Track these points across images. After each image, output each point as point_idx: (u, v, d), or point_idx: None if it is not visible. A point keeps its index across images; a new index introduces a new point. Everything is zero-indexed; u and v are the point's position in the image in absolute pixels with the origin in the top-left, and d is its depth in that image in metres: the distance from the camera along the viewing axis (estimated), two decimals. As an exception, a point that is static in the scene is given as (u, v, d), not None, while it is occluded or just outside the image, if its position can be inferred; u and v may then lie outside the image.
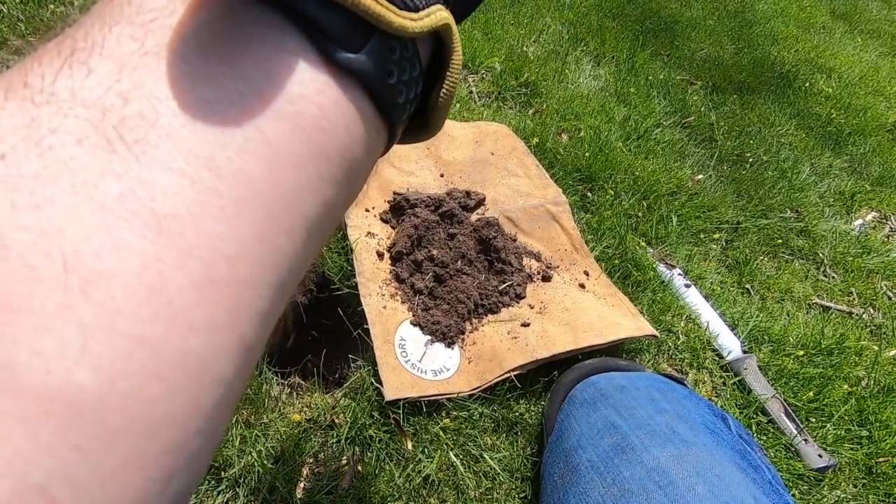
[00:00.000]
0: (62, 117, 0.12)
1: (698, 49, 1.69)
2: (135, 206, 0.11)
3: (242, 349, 0.13)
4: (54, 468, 0.10)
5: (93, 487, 0.10)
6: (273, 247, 0.13)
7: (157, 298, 0.11)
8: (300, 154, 0.13)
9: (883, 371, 0.90)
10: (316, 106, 0.14)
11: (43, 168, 0.11)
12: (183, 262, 0.12)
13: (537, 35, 1.46)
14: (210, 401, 0.12)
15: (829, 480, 0.76)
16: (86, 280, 0.10)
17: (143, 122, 0.12)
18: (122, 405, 0.11)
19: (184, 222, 0.12)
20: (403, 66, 0.16)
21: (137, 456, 0.11)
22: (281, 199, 0.13)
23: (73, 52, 0.12)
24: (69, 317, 0.10)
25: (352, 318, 0.74)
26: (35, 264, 0.10)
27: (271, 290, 0.13)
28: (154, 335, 0.11)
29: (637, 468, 0.48)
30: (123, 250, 0.11)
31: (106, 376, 0.10)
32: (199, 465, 0.13)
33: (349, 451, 0.64)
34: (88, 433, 0.10)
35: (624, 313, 0.82)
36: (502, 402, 0.71)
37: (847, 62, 1.91)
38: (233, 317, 0.12)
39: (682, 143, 1.28)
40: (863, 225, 1.26)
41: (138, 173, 0.11)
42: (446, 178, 0.97)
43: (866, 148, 1.50)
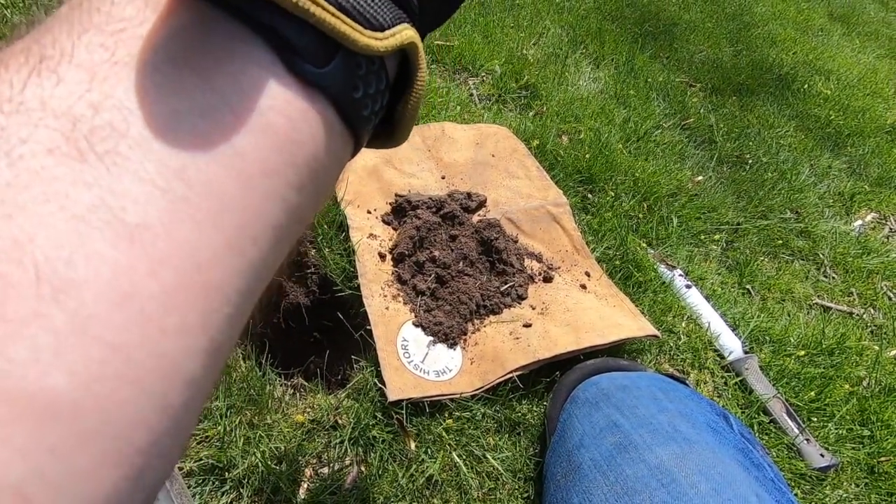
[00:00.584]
0: (32, 127, 0.12)
1: (697, 51, 1.70)
2: (106, 215, 0.11)
3: (212, 351, 0.13)
4: (29, 470, 0.10)
5: (67, 487, 0.11)
6: (242, 254, 0.14)
7: (129, 305, 0.11)
8: (269, 164, 0.14)
9: (884, 371, 0.90)
10: (284, 118, 0.14)
11: (14, 177, 0.11)
12: (154, 270, 0.12)
13: (537, 38, 1.47)
14: (180, 401, 0.13)
15: (831, 480, 0.76)
16: (58, 288, 0.11)
17: (113, 133, 0.12)
18: (96, 408, 0.11)
19: (155, 232, 0.12)
20: (369, 81, 0.16)
21: (110, 456, 0.11)
22: (251, 208, 0.14)
23: (41, 60, 0.12)
24: (42, 323, 0.10)
25: (354, 320, 0.75)
26: (7, 272, 0.10)
27: (240, 295, 0.14)
28: (126, 341, 0.11)
29: (640, 466, 0.48)
30: (95, 259, 0.11)
31: (80, 381, 0.11)
32: (169, 460, 0.13)
33: (352, 452, 0.64)
34: (63, 435, 0.10)
35: (625, 314, 0.82)
36: (505, 403, 0.71)
37: (845, 64, 1.92)
38: (203, 321, 0.13)
39: (681, 145, 1.28)
40: (862, 225, 1.26)
41: (109, 183, 0.12)
42: (447, 180, 0.98)
43: (865, 149, 1.50)
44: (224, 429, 0.61)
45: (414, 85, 0.18)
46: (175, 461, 0.14)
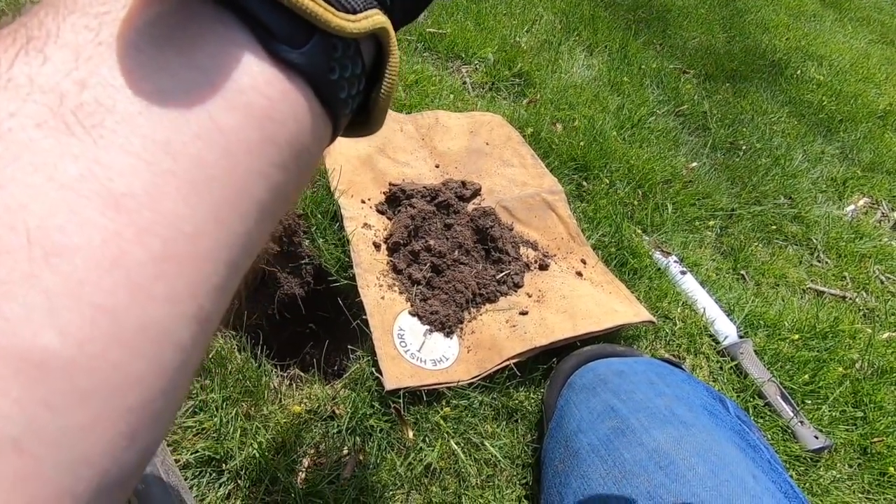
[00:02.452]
0: (20, 102, 0.12)
1: (690, 38, 1.69)
2: (93, 185, 0.12)
3: (200, 319, 0.14)
4: (26, 423, 0.10)
5: (63, 442, 0.11)
6: (228, 227, 0.14)
7: (117, 270, 0.12)
8: (251, 141, 0.14)
9: (876, 353, 0.91)
10: (264, 97, 0.14)
11: (4, 149, 0.11)
12: (141, 238, 0.12)
13: (530, 25, 1.45)
14: (171, 365, 0.13)
15: (825, 461, 0.77)
16: (49, 252, 0.11)
17: (100, 108, 0.12)
18: (89, 367, 0.11)
19: (141, 201, 0.12)
20: (345, 64, 0.17)
21: (105, 414, 0.12)
22: (234, 183, 0.14)
23: (28, 41, 0.13)
24: (34, 284, 0.11)
25: (350, 310, 0.74)
26: (1, 236, 0.11)
27: (227, 267, 0.14)
28: (116, 304, 0.12)
29: (637, 450, 0.48)
30: (85, 225, 0.12)
31: (73, 340, 0.11)
32: (162, 425, 0.14)
33: (350, 442, 0.64)
34: (57, 391, 0.11)
35: (621, 300, 0.82)
36: (502, 390, 0.71)
37: (837, 50, 1.92)
38: (191, 289, 0.13)
39: (675, 132, 1.28)
40: (855, 210, 1.27)
41: (95, 155, 0.12)
42: (442, 169, 0.97)
43: (857, 134, 1.51)
44: (220, 420, 0.60)
45: (387, 71, 0.18)
46: (167, 426, 0.14)
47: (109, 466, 0.12)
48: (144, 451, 0.13)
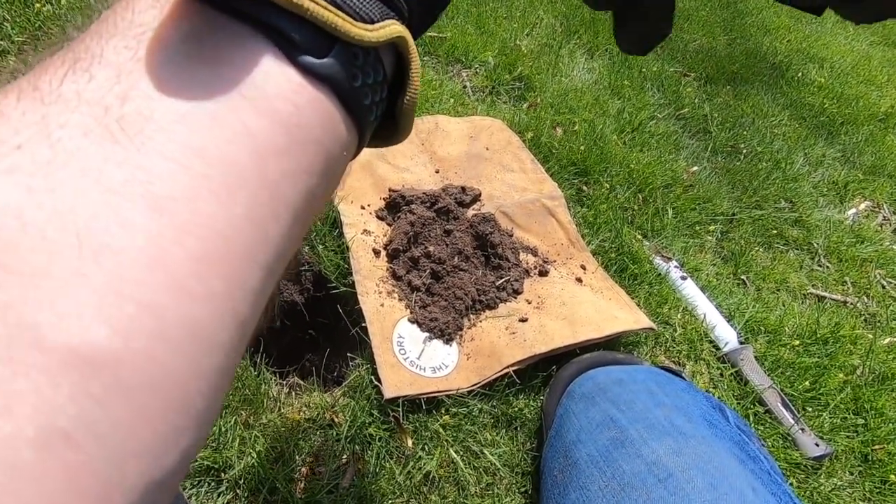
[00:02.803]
0: (69, 114, 0.13)
1: (691, 40, 1.69)
2: (136, 188, 0.13)
3: (237, 322, 0.14)
4: (76, 415, 0.11)
5: (111, 436, 0.11)
6: (262, 229, 0.15)
7: (159, 269, 0.12)
8: (281, 146, 0.15)
9: (878, 359, 0.91)
10: (291, 104, 0.15)
11: (54, 157, 0.12)
12: (180, 238, 0.13)
13: (530, 28, 1.45)
14: (210, 366, 0.14)
15: (825, 469, 0.76)
16: (97, 251, 0.12)
17: (139, 118, 0.13)
18: (134, 363, 0.12)
19: (180, 203, 0.13)
20: (367, 71, 0.17)
21: (149, 410, 0.12)
22: (267, 186, 0.15)
23: (75, 62, 0.14)
24: (84, 283, 0.11)
25: (350, 317, 0.74)
26: (52, 238, 0.12)
27: (261, 269, 0.15)
28: (159, 302, 0.12)
29: (636, 462, 0.48)
30: (128, 226, 0.12)
31: (119, 336, 0.12)
32: (203, 427, 0.14)
33: (349, 450, 0.64)
34: (105, 386, 0.11)
35: (621, 307, 0.82)
36: (501, 398, 0.71)
37: (839, 52, 1.92)
38: (228, 289, 0.14)
39: (676, 136, 1.28)
40: (856, 214, 1.26)
41: (138, 161, 0.13)
42: (441, 174, 0.97)
43: (859, 137, 1.50)
44: (219, 429, 0.60)
45: (409, 78, 0.19)
46: (207, 430, 0.15)
47: (153, 465, 0.12)
48: (186, 452, 0.13)
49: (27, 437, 0.10)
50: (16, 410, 0.10)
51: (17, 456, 0.10)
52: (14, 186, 0.12)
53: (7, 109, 0.13)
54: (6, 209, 0.12)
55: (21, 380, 0.10)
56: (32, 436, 0.10)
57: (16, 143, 0.12)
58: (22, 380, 0.10)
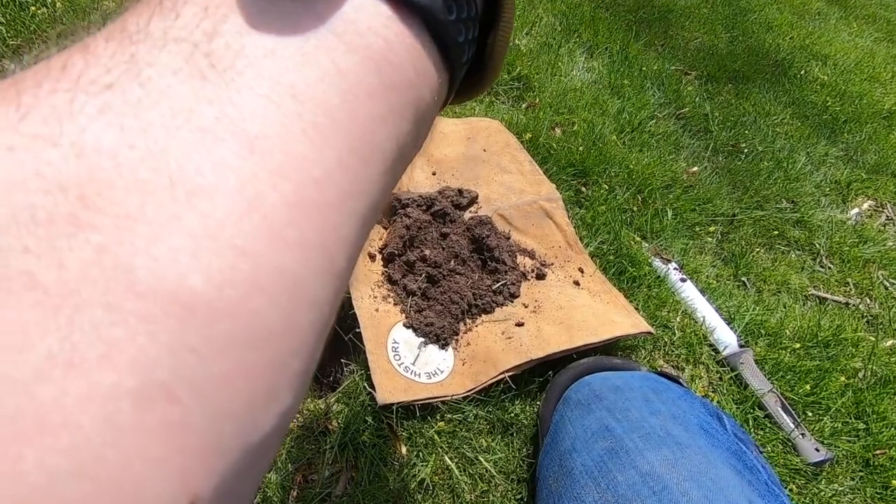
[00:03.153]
0: (157, 51, 0.13)
1: (692, 38, 1.67)
2: (228, 126, 0.12)
3: (332, 274, 0.13)
4: (174, 367, 0.10)
5: (209, 391, 0.11)
6: (353, 174, 0.14)
7: (255, 213, 0.12)
8: (371, 85, 0.14)
9: (880, 362, 0.90)
10: (383, 39, 0.14)
11: (145, 96, 0.12)
12: (274, 181, 0.12)
13: (529, 27, 1.44)
14: (305, 321, 0.13)
15: (826, 474, 0.76)
16: (191, 192, 0.11)
17: (228, 54, 0.13)
18: (230, 312, 0.11)
19: (273, 143, 0.12)
20: (461, 5, 0.16)
21: (244, 366, 0.11)
22: (357, 128, 0.14)
23: (161, 3, 0.14)
24: (179, 226, 0.11)
25: (344, 322, 0.74)
26: (146, 179, 0.11)
27: (354, 218, 0.14)
28: (254, 248, 0.11)
29: (631, 473, 0.47)
30: (222, 167, 0.12)
31: (214, 283, 0.11)
32: (298, 389, 0.13)
33: (343, 458, 0.63)
34: (202, 337, 0.11)
35: (619, 310, 0.81)
36: (497, 404, 0.71)
37: (842, 48, 1.90)
38: (322, 238, 0.13)
39: (676, 135, 1.27)
40: (859, 214, 1.25)
41: (229, 97, 0.12)
42: (438, 177, 0.96)
43: (862, 136, 1.49)
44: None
45: (502, 13, 0.18)
46: (301, 395, 0.14)
47: (250, 426, 0.11)
48: (283, 416, 0.13)
49: (128, 389, 0.10)
50: (116, 360, 0.10)
51: (118, 408, 0.09)
52: (107, 126, 0.11)
53: (97, 49, 0.13)
54: (100, 149, 0.11)
55: (120, 327, 0.10)
56: (133, 388, 0.10)
57: (107, 83, 0.12)
58: (121, 327, 0.10)
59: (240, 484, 0.12)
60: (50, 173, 0.11)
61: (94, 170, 0.11)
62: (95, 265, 0.10)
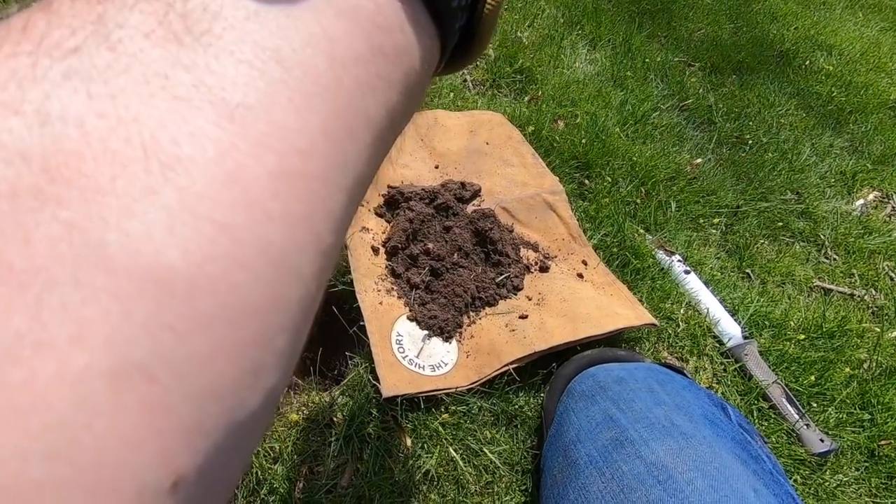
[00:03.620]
0: (128, 11, 0.12)
1: (696, 29, 1.66)
2: (206, 95, 0.11)
3: (318, 248, 0.13)
4: (152, 348, 0.10)
5: (189, 371, 0.10)
6: (339, 145, 0.13)
7: (234, 185, 0.11)
8: (359, 50, 0.13)
9: (885, 353, 0.89)
10: (372, 2, 0.14)
11: (114, 60, 0.11)
12: (257, 152, 0.11)
13: (532, 20, 1.43)
14: (290, 296, 0.12)
15: (831, 465, 0.76)
16: (166, 165, 0.10)
17: (206, 15, 0.12)
18: (211, 289, 0.10)
19: (255, 112, 0.12)
20: None
21: (227, 344, 0.11)
22: (344, 95, 0.13)
23: None
24: (154, 200, 0.10)
25: (348, 315, 0.74)
26: (116, 149, 0.10)
27: (341, 192, 0.13)
28: (234, 222, 0.11)
29: (636, 462, 0.47)
30: (199, 137, 0.11)
31: (193, 259, 0.10)
32: (287, 368, 0.13)
33: (348, 450, 0.63)
34: (181, 315, 0.10)
35: (623, 302, 0.81)
36: (501, 396, 0.71)
37: (848, 38, 1.88)
38: (307, 211, 0.12)
39: (680, 127, 1.26)
40: (864, 205, 1.24)
41: (207, 64, 0.12)
42: (441, 170, 0.96)
43: (868, 126, 1.47)
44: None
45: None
46: (290, 372, 0.13)
47: (235, 405, 0.11)
48: (270, 394, 0.12)
49: (101, 370, 0.09)
50: (89, 340, 0.09)
51: (93, 389, 0.09)
52: (73, 93, 0.11)
53: (61, 8, 0.12)
54: (66, 117, 0.10)
55: (92, 305, 0.09)
56: (107, 368, 0.09)
57: (72, 46, 0.11)
58: (93, 305, 0.09)
59: (226, 462, 0.11)
60: (11, 142, 0.10)
61: (60, 139, 0.10)
62: (64, 241, 0.09)
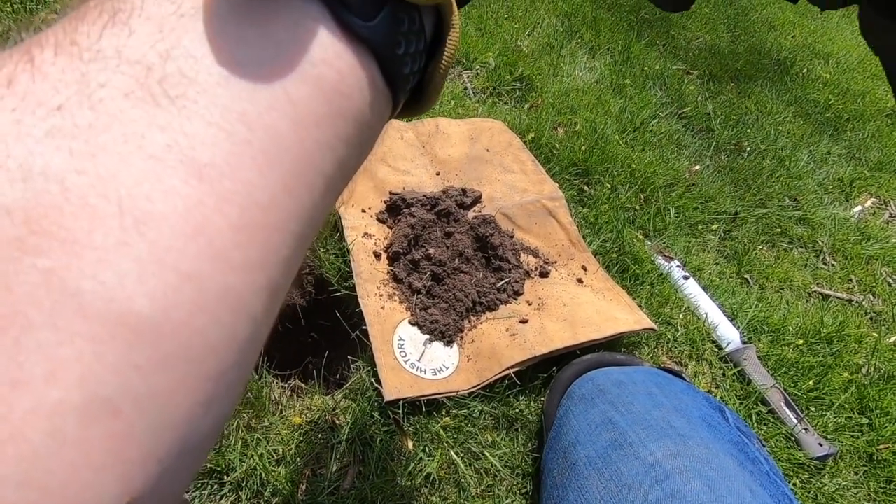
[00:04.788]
0: (110, 73, 0.13)
1: (694, 38, 1.68)
2: (178, 155, 0.12)
3: (270, 291, 0.14)
4: (119, 385, 0.11)
5: (151, 405, 0.11)
6: (297, 198, 0.14)
7: (201, 238, 0.12)
8: (320, 114, 0.15)
9: (883, 358, 0.90)
10: (335, 70, 0.15)
11: (95, 119, 0.12)
12: (221, 207, 0.13)
13: (531, 28, 1.45)
14: (244, 335, 0.14)
15: (829, 469, 0.76)
16: (139, 220, 0.12)
17: (183, 79, 0.13)
18: (174, 333, 0.12)
19: (222, 171, 0.13)
20: (410, 39, 0.17)
21: (186, 380, 0.12)
22: (304, 155, 0.14)
23: (114, 14, 0.13)
24: (126, 252, 0.11)
25: (350, 320, 0.75)
26: (94, 204, 0.11)
27: (295, 238, 0.15)
28: (199, 271, 0.12)
29: (634, 463, 0.48)
30: (171, 194, 0.12)
31: (160, 306, 0.12)
32: (234, 395, 0.14)
33: (350, 452, 0.64)
34: (147, 356, 0.11)
35: (622, 307, 0.82)
36: (502, 399, 0.71)
37: (845, 47, 1.90)
38: (264, 259, 0.14)
39: (678, 134, 1.27)
40: (862, 211, 1.25)
41: (181, 125, 0.13)
42: (442, 177, 0.97)
43: (865, 133, 1.49)
44: (222, 432, 0.61)
45: (446, 45, 0.19)
46: (237, 399, 0.15)
47: (188, 433, 0.12)
48: (218, 420, 0.14)
49: (73, 405, 0.10)
50: (62, 377, 0.10)
51: (64, 422, 0.10)
52: (56, 150, 0.11)
53: (45, 66, 0.12)
54: (48, 173, 0.11)
55: (66, 347, 0.10)
56: (78, 404, 0.10)
57: (56, 104, 0.12)
58: (67, 347, 0.10)
59: (176, 482, 0.13)
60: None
61: (42, 194, 0.11)
62: (42, 288, 0.10)
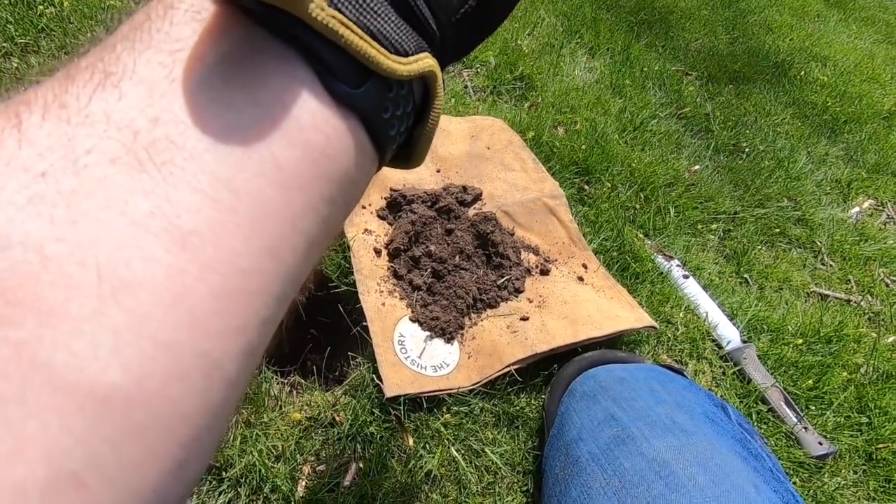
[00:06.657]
0: (97, 138, 0.13)
1: (693, 39, 1.69)
2: (162, 222, 0.12)
3: (248, 354, 0.14)
4: (86, 458, 0.11)
5: (119, 476, 0.11)
6: (280, 261, 0.14)
7: (180, 306, 0.12)
8: (307, 177, 0.15)
9: (882, 357, 0.90)
10: (322, 135, 0.15)
11: (79, 185, 0.12)
12: (204, 275, 0.13)
13: (531, 28, 1.45)
14: (218, 400, 0.13)
15: (829, 467, 0.76)
16: (117, 288, 0.11)
17: (170, 146, 0.13)
18: (147, 403, 0.12)
19: (205, 238, 0.13)
20: (398, 103, 0.17)
21: (157, 449, 0.12)
22: (288, 219, 0.14)
23: (106, 76, 0.13)
24: (102, 321, 0.11)
25: (351, 316, 0.74)
26: (72, 273, 0.11)
27: (276, 300, 0.15)
28: (176, 340, 0.12)
29: (637, 459, 0.48)
30: (151, 262, 0.12)
31: (133, 376, 0.11)
32: (207, 455, 0.14)
33: (350, 449, 0.64)
34: (117, 427, 0.11)
35: (623, 305, 0.82)
36: (503, 397, 0.71)
37: (842, 50, 1.91)
38: (243, 324, 0.14)
39: (678, 135, 1.28)
40: (859, 212, 1.26)
41: (165, 192, 0.12)
42: (443, 174, 0.97)
43: (862, 135, 1.50)
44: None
45: (431, 111, 0.19)
46: (210, 457, 0.15)
47: (157, 499, 0.12)
48: (189, 482, 0.14)
49: (37, 481, 0.10)
50: (26, 453, 0.10)
51: (27, 499, 0.10)
52: (36, 218, 0.11)
53: (31, 131, 0.12)
54: (27, 243, 0.11)
55: (33, 422, 0.10)
56: (42, 479, 0.10)
57: (40, 170, 0.12)
58: (34, 421, 0.10)
59: None
60: None
61: (20, 264, 0.11)
62: (13, 361, 0.10)
